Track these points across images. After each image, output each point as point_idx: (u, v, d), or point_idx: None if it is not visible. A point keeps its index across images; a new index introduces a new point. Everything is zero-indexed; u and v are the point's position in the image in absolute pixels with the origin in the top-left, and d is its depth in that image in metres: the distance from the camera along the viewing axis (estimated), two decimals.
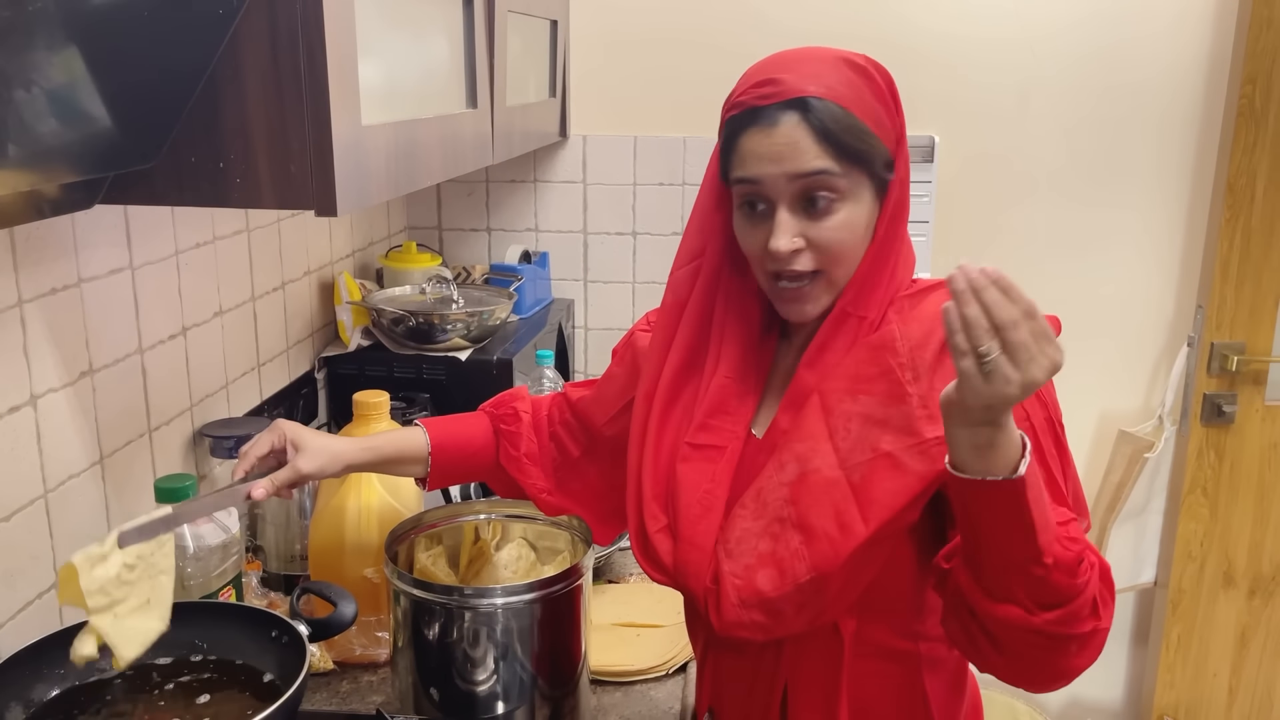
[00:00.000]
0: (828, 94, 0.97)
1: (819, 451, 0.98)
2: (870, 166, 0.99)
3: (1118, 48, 2.15)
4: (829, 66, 0.99)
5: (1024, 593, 0.86)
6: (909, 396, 0.95)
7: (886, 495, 0.94)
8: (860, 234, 1.00)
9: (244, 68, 0.95)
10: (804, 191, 0.98)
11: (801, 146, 0.97)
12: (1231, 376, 2.20)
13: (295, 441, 1.15)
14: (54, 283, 1.19)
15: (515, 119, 1.70)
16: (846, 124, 0.97)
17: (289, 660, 1.11)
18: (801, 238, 0.99)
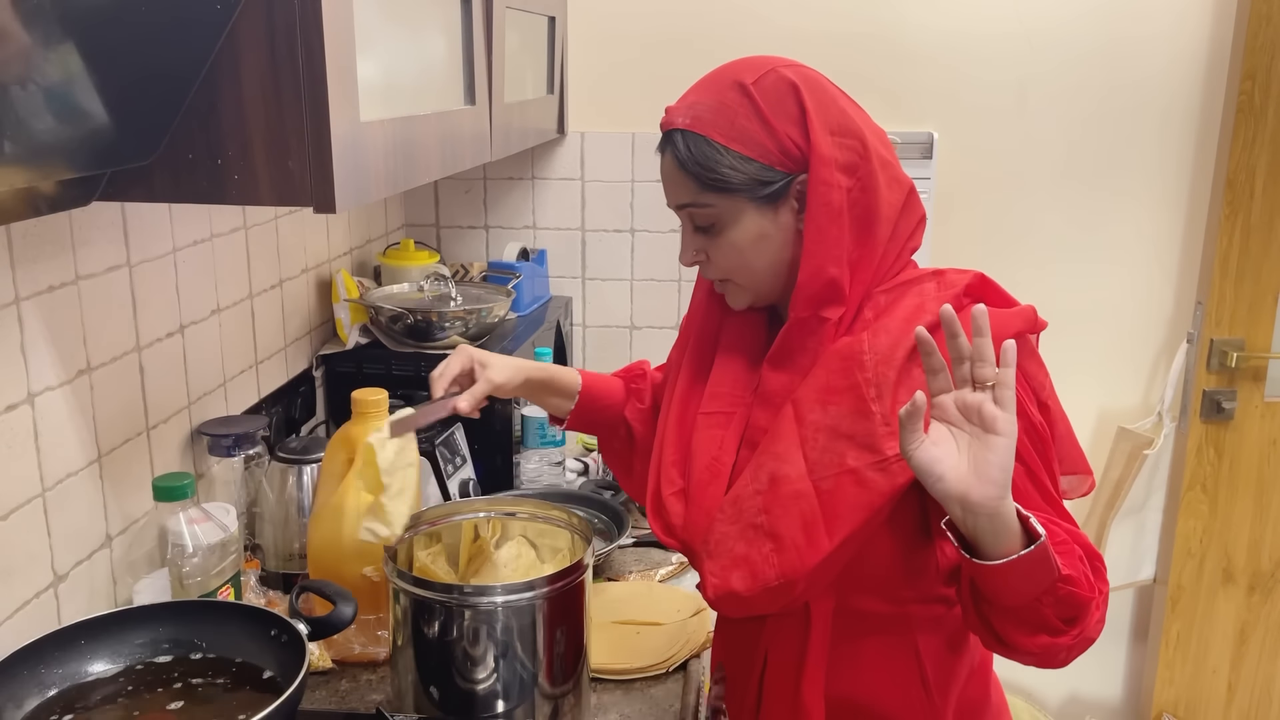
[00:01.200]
0: (692, 124, 1.05)
1: (790, 460, 1.03)
2: (739, 188, 1.04)
3: (1117, 43, 2.14)
4: (710, 90, 1.06)
5: (1053, 613, 0.90)
6: (873, 415, 1.00)
7: (849, 510, 0.99)
8: (749, 251, 1.07)
9: (242, 64, 0.94)
10: (689, 217, 1.09)
11: (673, 179, 1.08)
12: (1231, 373, 2.20)
13: (481, 360, 1.27)
14: (51, 280, 1.18)
15: (513, 116, 1.70)
16: (703, 155, 1.04)
17: (288, 659, 1.11)
18: (703, 252, 1.11)
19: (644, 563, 1.71)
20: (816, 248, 1.04)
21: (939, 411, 0.90)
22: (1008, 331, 0.99)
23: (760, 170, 1.04)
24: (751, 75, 1.04)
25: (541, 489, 1.85)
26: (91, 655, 1.12)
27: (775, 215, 1.06)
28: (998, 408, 0.86)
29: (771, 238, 1.07)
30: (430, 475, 1.69)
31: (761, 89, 1.04)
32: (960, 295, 1.03)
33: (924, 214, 1.11)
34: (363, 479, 1.25)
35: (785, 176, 1.04)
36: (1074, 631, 0.91)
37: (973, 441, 0.88)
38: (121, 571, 1.33)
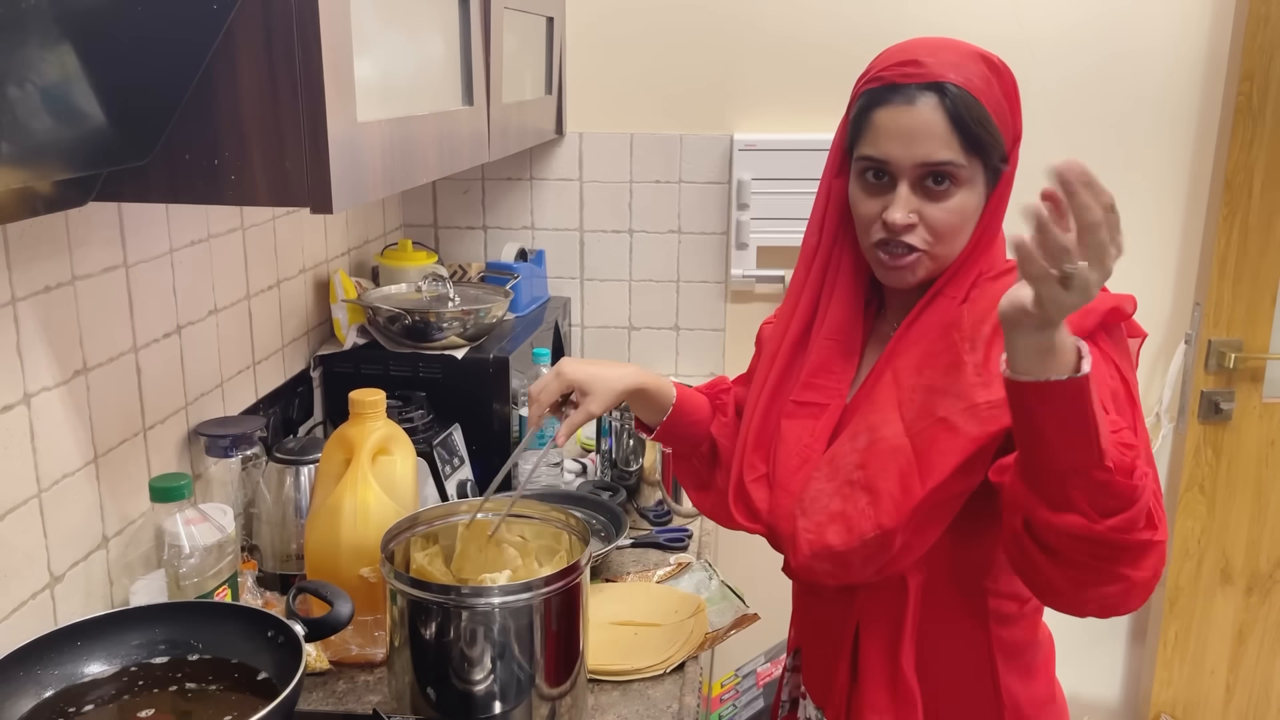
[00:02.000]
0: (965, 84, 1.05)
1: (888, 421, 1.06)
2: (989, 158, 1.08)
3: (1114, 45, 2.14)
4: (967, 58, 1.07)
5: (1085, 499, 0.88)
6: (964, 365, 1.03)
7: (941, 456, 1.01)
8: (969, 219, 1.09)
9: (239, 64, 0.94)
10: (928, 173, 1.07)
11: (935, 131, 1.05)
12: (1229, 374, 2.20)
13: (584, 387, 1.23)
14: (47, 280, 1.18)
15: (511, 116, 1.70)
16: (976, 115, 1.05)
17: (285, 660, 1.10)
18: (916, 214, 1.08)
19: (642, 564, 1.71)
20: (986, 233, 1.10)
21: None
22: (1103, 306, 1.00)
23: (1002, 148, 1.09)
24: (990, 55, 1.09)
25: (539, 490, 1.85)
26: (88, 656, 1.12)
27: (985, 193, 1.10)
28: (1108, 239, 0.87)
29: (978, 213, 1.10)
30: (428, 476, 1.69)
31: (1008, 74, 1.09)
32: None
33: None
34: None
35: (1004, 160, 1.09)
36: (1113, 524, 0.87)
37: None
38: (118, 572, 1.32)
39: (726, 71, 2.21)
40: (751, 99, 2.22)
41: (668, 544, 1.78)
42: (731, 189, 2.23)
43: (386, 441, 1.44)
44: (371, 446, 1.41)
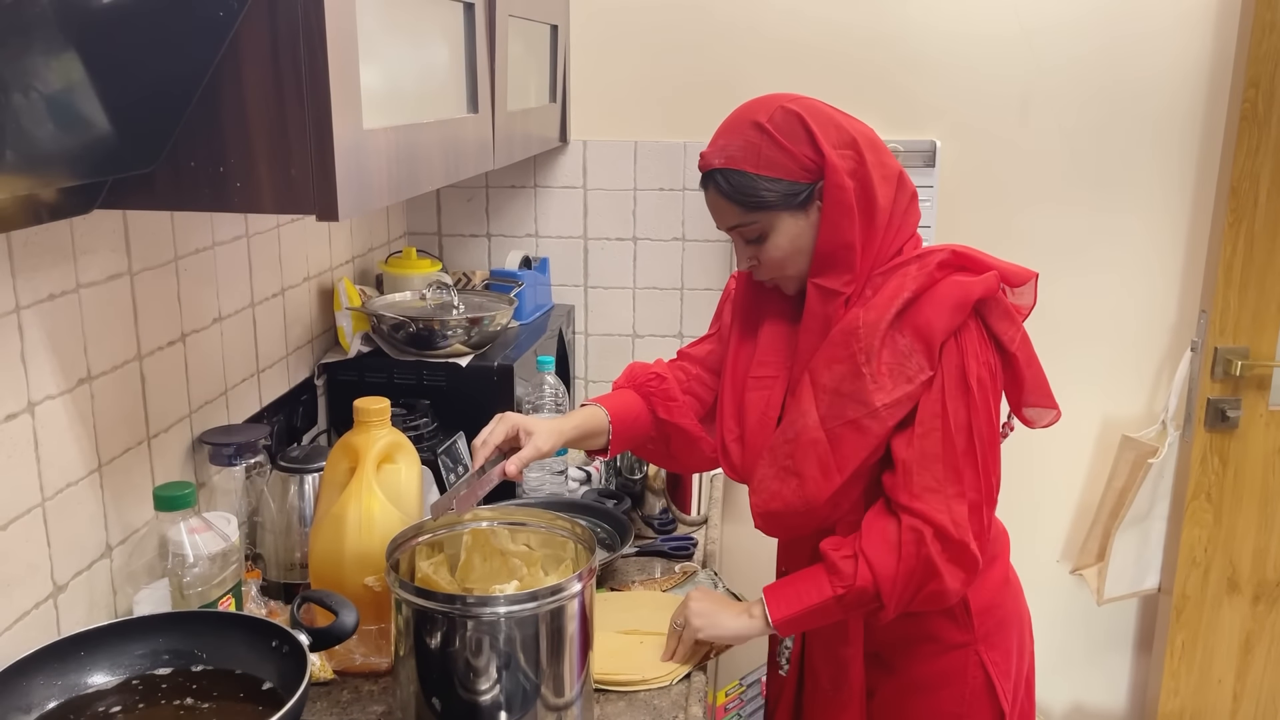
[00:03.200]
0: (727, 162, 1.31)
1: (807, 415, 1.33)
2: (776, 204, 1.30)
3: (1119, 52, 2.14)
4: (735, 134, 1.32)
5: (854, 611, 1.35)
6: (863, 375, 1.29)
7: (852, 450, 1.31)
8: (790, 250, 1.33)
9: (244, 71, 0.94)
10: (739, 235, 1.36)
11: (720, 207, 1.34)
12: (1235, 381, 2.19)
13: (526, 429, 1.40)
14: (52, 288, 1.18)
15: (516, 124, 1.70)
16: (741, 185, 1.30)
17: (289, 670, 1.10)
18: (755, 259, 1.37)
19: (647, 572, 1.70)
20: (831, 233, 1.31)
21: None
22: (968, 299, 1.28)
23: (789, 186, 1.30)
24: (764, 114, 1.30)
25: (544, 498, 1.84)
26: (91, 666, 1.12)
27: (806, 216, 1.32)
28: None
29: (806, 233, 1.33)
30: (432, 484, 1.68)
31: (774, 124, 1.30)
32: (933, 272, 1.29)
33: (914, 191, 1.36)
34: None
35: (808, 186, 1.31)
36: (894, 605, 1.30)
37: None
38: (122, 582, 1.32)
39: (730, 79, 2.21)
40: None
41: (673, 552, 1.77)
42: None
43: (391, 450, 1.43)
44: (376, 455, 1.40)
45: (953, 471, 1.28)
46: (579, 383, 2.38)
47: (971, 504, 1.28)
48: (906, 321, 1.29)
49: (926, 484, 1.28)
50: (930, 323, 1.28)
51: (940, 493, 1.27)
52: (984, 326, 1.31)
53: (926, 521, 1.27)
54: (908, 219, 1.36)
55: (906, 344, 1.29)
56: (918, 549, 1.26)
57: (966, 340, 1.29)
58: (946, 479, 1.28)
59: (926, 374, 1.28)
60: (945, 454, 1.28)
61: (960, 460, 1.28)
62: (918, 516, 1.27)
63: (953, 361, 1.29)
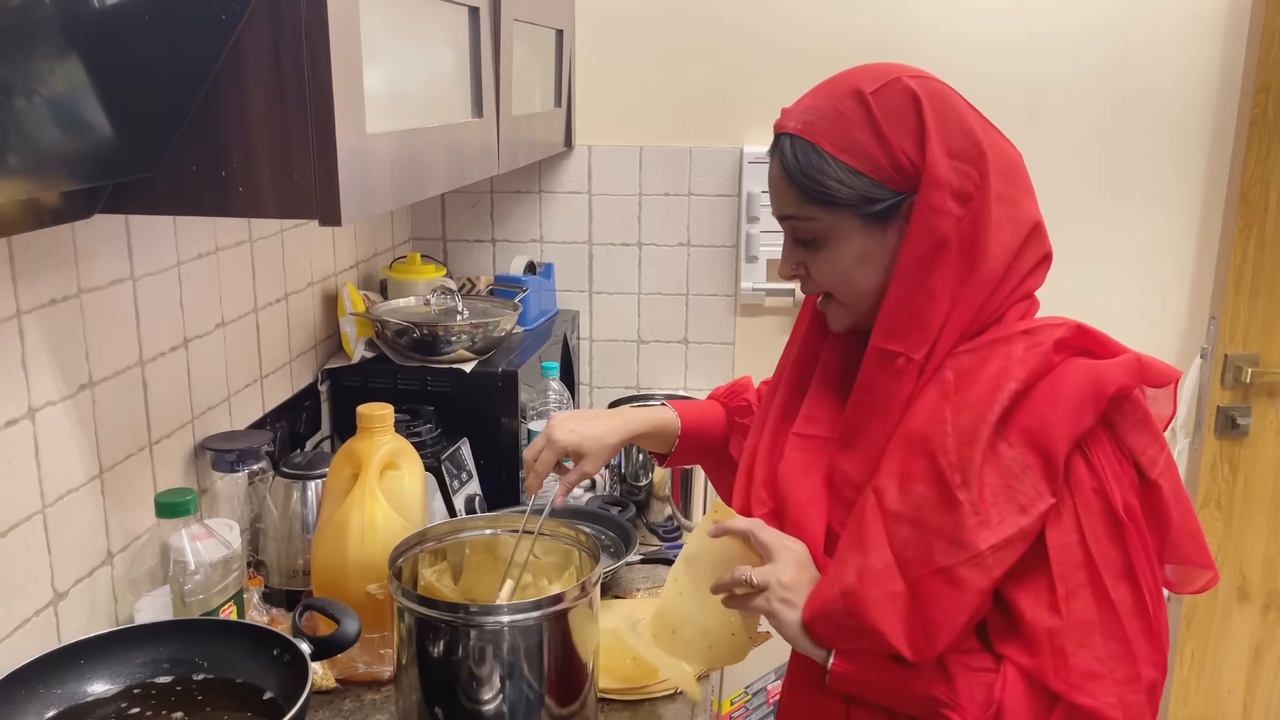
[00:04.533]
0: (803, 130, 1.01)
1: (876, 554, 0.98)
2: (846, 203, 1.00)
3: (1128, 57, 2.13)
4: (829, 97, 1.01)
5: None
6: (960, 504, 0.94)
7: (947, 615, 0.94)
8: (851, 269, 1.03)
9: (247, 74, 0.93)
10: (791, 229, 1.06)
11: (779, 187, 1.04)
12: (1245, 388, 2.18)
13: (577, 451, 1.27)
14: (53, 293, 1.17)
15: (520, 129, 1.69)
16: (810, 165, 1.00)
17: (290, 680, 1.09)
18: (802, 266, 1.07)
19: (652, 580, 1.69)
20: (909, 275, 1.00)
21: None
22: (1101, 391, 0.94)
23: (869, 186, 0.99)
24: (872, 84, 0.99)
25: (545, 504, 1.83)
26: (91, 675, 1.10)
27: (883, 235, 1.01)
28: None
29: (876, 259, 1.02)
30: (435, 491, 1.67)
31: (880, 99, 0.99)
32: (1050, 354, 0.96)
33: (1048, 252, 1.05)
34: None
35: (896, 195, 1.00)
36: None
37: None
38: (123, 589, 1.31)
39: (736, 83, 2.20)
40: (761, 111, 2.21)
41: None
42: (741, 201, 2.22)
43: (394, 456, 1.43)
44: (379, 461, 1.40)
45: (1120, 645, 0.93)
46: (583, 389, 2.37)
47: (1150, 685, 0.94)
48: (1013, 424, 0.94)
49: (1088, 667, 0.92)
50: (1048, 425, 0.93)
51: (1108, 678, 0.92)
52: (1116, 439, 0.96)
53: (1093, 717, 0.92)
54: (1026, 282, 1.02)
55: (1016, 457, 0.94)
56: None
57: (1099, 454, 0.95)
58: (1113, 657, 0.93)
59: (1047, 502, 0.93)
60: (1104, 620, 0.93)
61: (1128, 627, 0.93)
62: (1083, 714, 0.92)
63: (1085, 484, 0.94)
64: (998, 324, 1.01)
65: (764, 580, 1.02)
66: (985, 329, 1.01)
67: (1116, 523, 0.94)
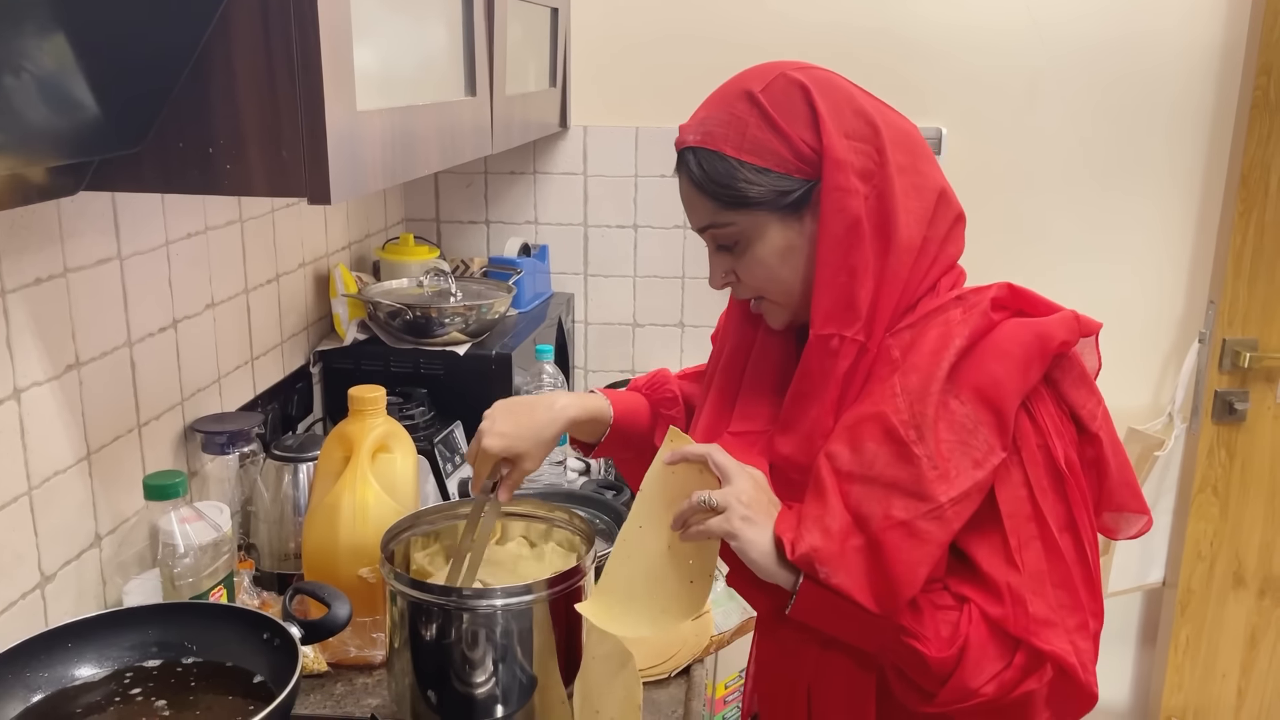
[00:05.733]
0: (703, 140, 1.02)
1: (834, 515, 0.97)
2: (760, 202, 1.00)
3: (1129, 37, 2.11)
4: (721, 102, 1.04)
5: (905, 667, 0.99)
6: (918, 459, 0.94)
7: (908, 569, 0.94)
8: (777, 265, 1.03)
9: (234, 49, 0.91)
10: (712, 239, 1.06)
11: (692, 200, 1.05)
12: (1243, 373, 2.17)
13: (511, 454, 1.21)
14: (38, 272, 1.15)
15: (515, 108, 1.67)
16: (718, 172, 1.00)
17: (281, 664, 1.08)
18: (731, 273, 1.07)
19: None
20: (831, 256, 1.00)
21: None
22: (1045, 347, 0.95)
23: (778, 180, 1.00)
24: (759, 82, 1.01)
25: (542, 488, 1.82)
26: (79, 658, 1.09)
27: (800, 225, 1.02)
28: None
29: (798, 250, 1.02)
30: (428, 474, 1.66)
31: (770, 95, 1.00)
32: (988, 312, 0.97)
33: (960, 213, 1.06)
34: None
35: (805, 184, 1.00)
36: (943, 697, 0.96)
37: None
38: (111, 571, 1.30)
39: (734, 64, 2.16)
40: None
41: None
42: None
43: (386, 439, 1.42)
44: (371, 444, 1.38)
45: (1069, 594, 0.96)
46: (578, 372, 2.36)
47: (1095, 633, 0.98)
48: (963, 380, 0.95)
49: (1045, 615, 0.95)
50: (998, 382, 0.95)
51: (1060, 626, 0.95)
52: (1057, 395, 0.99)
53: (1054, 661, 0.95)
54: (945, 248, 1.03)
55: (968, 413, 0.95)
56: (1023, 677, 0.95)
57: (1042, 410, 0.97)
58: (1064, 605, 0.96)
59: (999, 457, 0.94)
60: (1054, 570, 0.96)
61: (1074, 575, 0.96)
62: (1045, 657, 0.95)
63: (1030, 439, 0.97)
64: (931, 295, 1.02)
65: (724, 500, 0.98)
66: (918, 302, 1.02)
67: (1059, 476, 0.97)
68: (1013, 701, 0.95)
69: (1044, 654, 0.94)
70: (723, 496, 0.98)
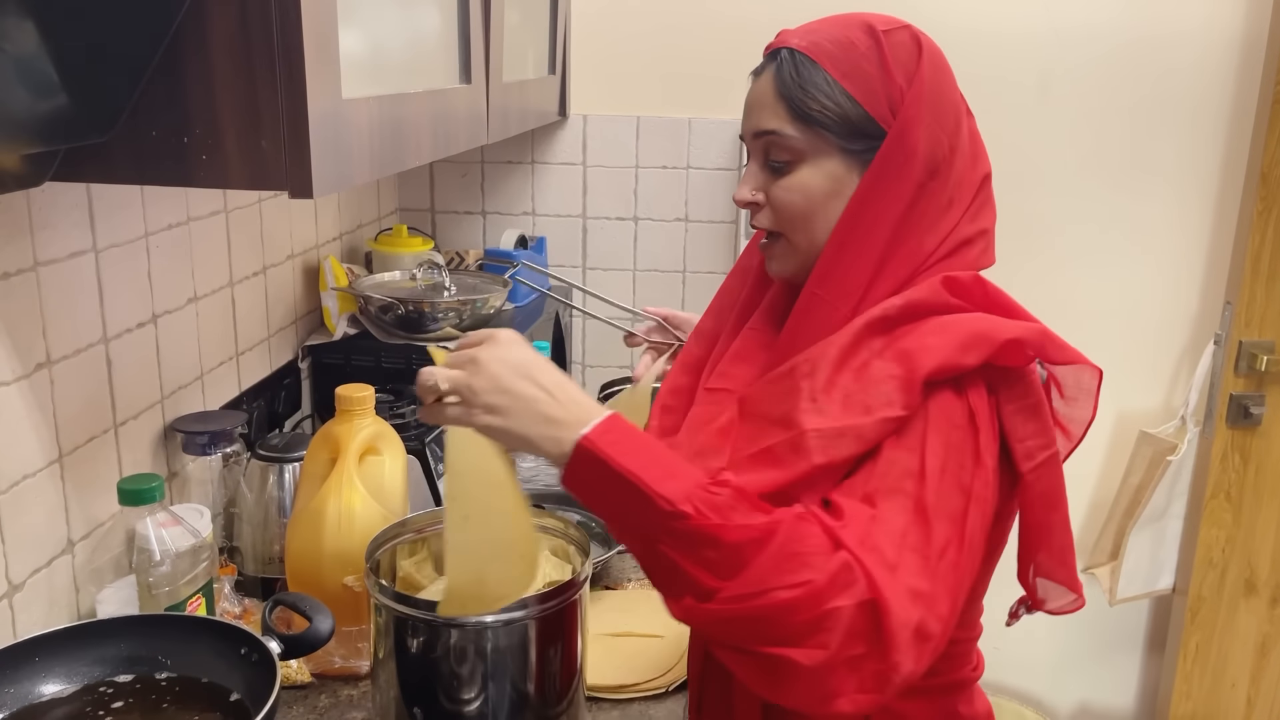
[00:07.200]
0: (808, 48, 0.97)
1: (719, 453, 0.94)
2: (832, 130, 0.95)
3: (1145, 32, 2.06)
4: (839, 25, 0.99)
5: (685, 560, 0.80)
6: (799, 391, 0.90)
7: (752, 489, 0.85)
8: (819, 200, 0.97)
9: (209, 30, 0.85)
10: (765, 149, 1.00)
11: (766, 100, 0.98)
12: (1260, 376, 2.11)
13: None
14: (6, 267, 1.09)
15: (512, 96, 1.62)
16: (808, 80, 0.95)
17: (259, 681, 1.03)
18: (763, 193, 1.00)
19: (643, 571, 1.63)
20: (865, 226, 0.95)
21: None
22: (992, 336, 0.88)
23: (863, 118, 0.95)
24: (884, 24, 0.98)
25: (538, 490, 1.77)
26: (46, 673, 1.04)
27: (847, 173, 0.96)
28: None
29: (842, 198, 0.96)
30: (420, 477, 1.61)
31: (891, 40, 0.97)
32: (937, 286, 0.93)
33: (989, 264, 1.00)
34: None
35: (880, 137, 0.95)
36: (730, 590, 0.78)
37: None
38: (84, 579, 1.24)
39: (737, 54, 2.11)
40: None
41: None
42: (741, 176, 2.15)
43: (374, 440, 1.36)
44: (358, 446, 1.33)
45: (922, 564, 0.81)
46: (576, 368, 2.31)
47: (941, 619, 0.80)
48: (893, 341, 0.90)
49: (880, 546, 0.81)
50: (925, 348, 0.88)
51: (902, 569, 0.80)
52: (994, 405, 0.89)
53: (872, 589, 0.77)
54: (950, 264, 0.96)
55: (882, 367, 0.88)
56: (830, 588, 0.77)
57: (975, 399, 0.88)
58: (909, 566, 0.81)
59: (894, 411, 0.86)
60: (913, 534, 0.82)
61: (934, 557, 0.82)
62: (862, 575, 0.78)
63: (946, 415, 0.87)
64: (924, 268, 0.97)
65: (456, 384, 0.86)
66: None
67: (962, 468, 0.85)
68: (805, 624, 0.77)
69: (863, 573, 0.78)
70: (455, 380, 0.86)
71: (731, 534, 0.79)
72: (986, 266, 0.99)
